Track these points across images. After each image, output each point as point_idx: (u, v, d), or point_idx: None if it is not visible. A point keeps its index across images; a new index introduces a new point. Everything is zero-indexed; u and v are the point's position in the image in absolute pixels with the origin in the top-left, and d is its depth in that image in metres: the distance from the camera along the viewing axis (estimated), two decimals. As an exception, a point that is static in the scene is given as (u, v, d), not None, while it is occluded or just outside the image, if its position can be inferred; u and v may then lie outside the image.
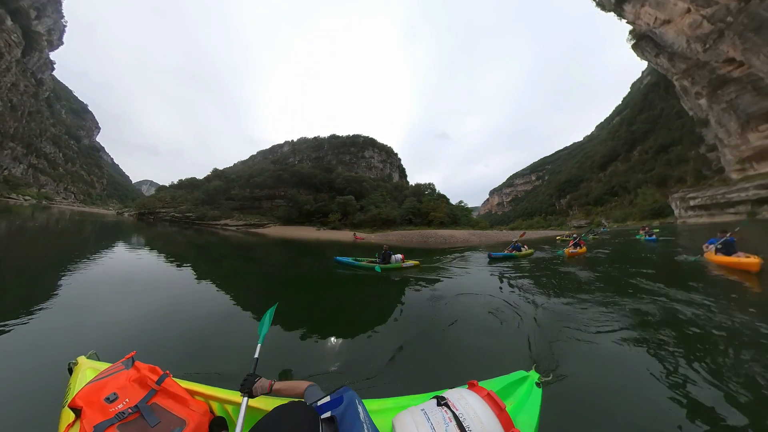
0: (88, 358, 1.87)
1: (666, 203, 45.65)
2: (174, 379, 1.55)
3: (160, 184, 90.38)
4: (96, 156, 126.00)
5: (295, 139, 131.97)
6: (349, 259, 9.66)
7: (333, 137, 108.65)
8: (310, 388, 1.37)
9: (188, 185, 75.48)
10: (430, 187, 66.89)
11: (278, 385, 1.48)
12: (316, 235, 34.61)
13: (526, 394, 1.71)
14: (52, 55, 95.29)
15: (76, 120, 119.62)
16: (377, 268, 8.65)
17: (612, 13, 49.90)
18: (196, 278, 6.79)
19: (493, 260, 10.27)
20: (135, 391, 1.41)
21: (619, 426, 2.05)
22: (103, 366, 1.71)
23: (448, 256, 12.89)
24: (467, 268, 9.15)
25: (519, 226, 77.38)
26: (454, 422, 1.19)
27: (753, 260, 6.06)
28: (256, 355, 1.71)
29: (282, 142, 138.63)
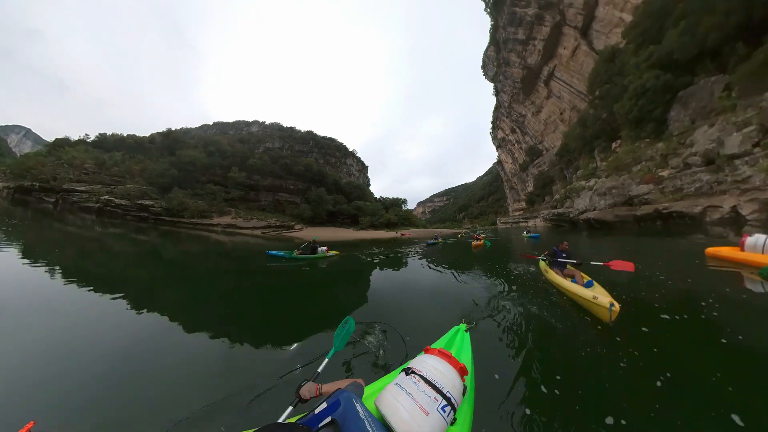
0: None
1: (495, 221, 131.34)
2: None
3: (48, 139, 47.94)
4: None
5: (267, 122, 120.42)
6: (281, 253, 9.71)
7: (311, 134, 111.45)
8: (351, 386, 1.46)
9: (130, 144, 45.55)
10: (404, 200, 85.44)
11: (325, 387, 1.55)
12: (355, 236, 34.48)
13: (461, 340, 2.48)
14: None
15: None
16: (321, 255, 9.88)
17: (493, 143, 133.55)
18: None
19: (429, 245, 15.73)
20: None
21: (517, 348, 3.03)
22: None
23: (413, 243, 20.09)
24: (419, 252, 11.51)
25: (437, 227, 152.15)
26: (422, 382, 1.47)
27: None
28: (319, 369, 1.76)
29: (251, 120, 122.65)
